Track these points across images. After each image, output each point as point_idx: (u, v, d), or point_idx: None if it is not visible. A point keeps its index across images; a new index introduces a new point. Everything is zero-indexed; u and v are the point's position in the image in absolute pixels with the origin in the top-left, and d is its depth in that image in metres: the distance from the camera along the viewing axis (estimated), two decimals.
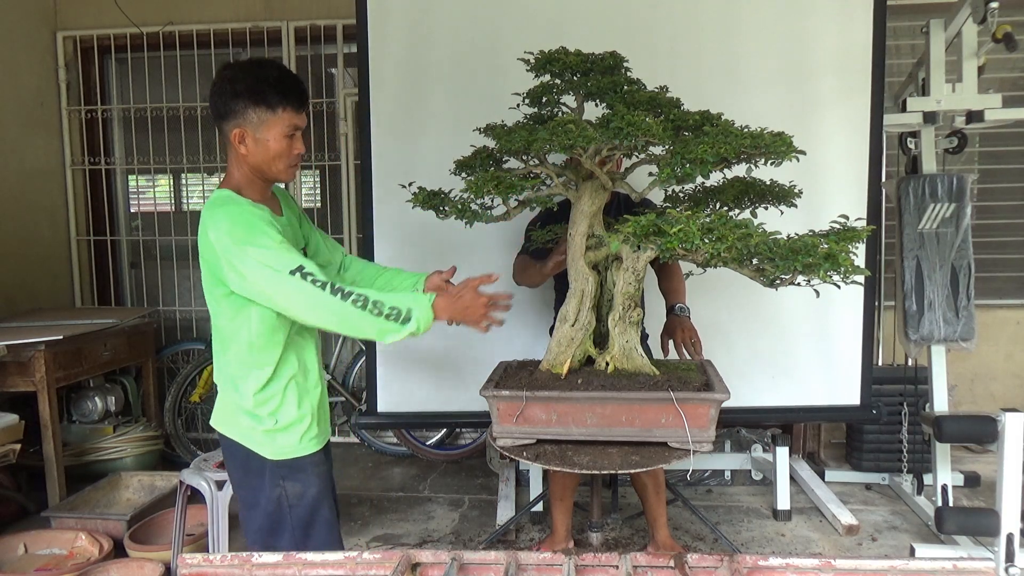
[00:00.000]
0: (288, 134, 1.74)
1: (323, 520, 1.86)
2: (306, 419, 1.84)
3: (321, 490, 1.86)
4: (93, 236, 4.62)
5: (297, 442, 1.83)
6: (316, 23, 4.31)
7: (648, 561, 1.30)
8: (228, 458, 1.88)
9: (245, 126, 1.72)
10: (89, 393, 3.79)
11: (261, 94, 1.71)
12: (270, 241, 1.64)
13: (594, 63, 2.03)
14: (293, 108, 1.74)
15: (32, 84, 4.30)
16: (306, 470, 1.84)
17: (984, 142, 4.24)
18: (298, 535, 1.82)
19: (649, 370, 1.95)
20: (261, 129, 1.72)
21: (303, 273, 1.61)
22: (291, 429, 1.82)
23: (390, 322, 1.63)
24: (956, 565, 1.23)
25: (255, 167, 1.76)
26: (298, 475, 1.82)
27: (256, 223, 1.66)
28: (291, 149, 1.76)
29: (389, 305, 1.62)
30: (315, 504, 1.84)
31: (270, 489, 1.81)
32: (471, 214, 1.98)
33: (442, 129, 2.93)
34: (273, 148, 1.73)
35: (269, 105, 1.71)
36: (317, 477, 1.85)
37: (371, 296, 1.62)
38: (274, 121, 1.72)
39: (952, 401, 3.52)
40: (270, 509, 1.82)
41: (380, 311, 1.62)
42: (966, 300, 3.13)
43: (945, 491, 3.08)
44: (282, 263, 1.62)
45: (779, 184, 2.10)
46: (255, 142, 1.73)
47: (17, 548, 2.89)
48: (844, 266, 1.62)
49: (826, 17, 2.95)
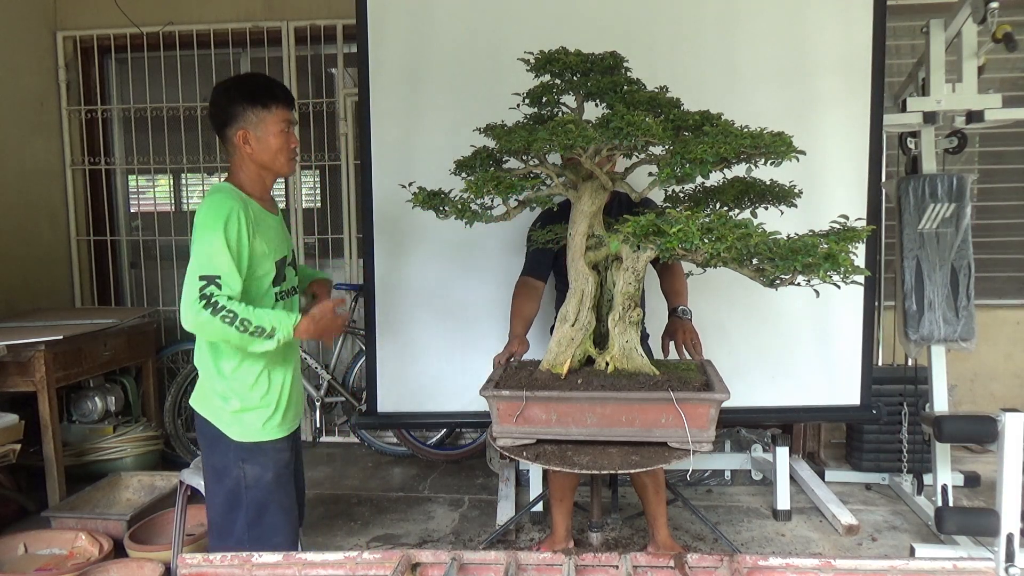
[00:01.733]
0: (283, 129, 1.97)
1: (277, 505, 1.99)
2: (271, 405, 2.00)
3: (278, 476, 2.00)
4: (93, 236, 4.62)
5: (260, 426, 1.98)
6: (316, 23, 4.31)
7: (648, 561, 1.30)
8: (200, 436, 2.04)
9: (246, 127, 1.94)
10: (89, 393, 3.79)
11: (255, 96, 1.95)
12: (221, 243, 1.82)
13: (594, 63, 2.03)
14: (283, 105, 1.97)
15: (32, 84, 4.30)
16: (266, 454, 1.99)
17: (984, 142, 4.24)
18: (251, 516, 1.97)
19: (649, 370, 1.95)
20: (260, 127, 1.95)
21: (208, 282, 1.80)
22: (255, 412, 1.97)
23: (255, 338, 1.83)
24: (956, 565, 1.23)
25: (261, 164, 1.98)
26: (258, 458, 1.98)
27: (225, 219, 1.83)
28: (288, 143, 1.99)
29: (256, 324, 1.82)
30: (271, 488, 1.98)
31: (232, 468, 1.97)
32: (471, 214, 1.98)
33: (442, 129, 2.93)
34: (273, 143, 1.96)
35: (264, 104, 1.94)
36: (275, 463, 2.00)
37: (240, 313, 1.80)
38: (270, 118, 1.95)
39: (952, 401, 3.52)
40: (229, 487, 1.98)
41: (246, 328, 1.81)
42: (966, 300, 3.13)
43: (945, 491, 3.08)
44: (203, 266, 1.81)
45: (779, 184, 2.10)
46: (257, 140, 1.95)
47: (17, 548, 2.89)
48: (844, 266, 1.62)
49: (826, 17, 2.95)
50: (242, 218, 1.86)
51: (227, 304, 1.80)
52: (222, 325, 1.79)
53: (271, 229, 1.99)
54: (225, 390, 1.97)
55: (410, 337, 3.03)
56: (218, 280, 1.81)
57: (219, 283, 1.81)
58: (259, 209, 1.97)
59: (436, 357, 3.06)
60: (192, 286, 1.80)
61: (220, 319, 1.79)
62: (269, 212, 2.02)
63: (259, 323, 1.82)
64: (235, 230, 1.85)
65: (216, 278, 1.81)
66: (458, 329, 3.03)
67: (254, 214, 1.92)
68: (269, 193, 2.06)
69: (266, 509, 1.98)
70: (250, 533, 1.97)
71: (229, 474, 1.97)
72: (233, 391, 1.96)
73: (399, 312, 3.02)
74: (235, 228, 1.85)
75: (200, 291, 1.79)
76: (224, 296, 1.81)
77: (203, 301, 1.78)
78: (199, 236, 1.84)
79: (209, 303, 1.78)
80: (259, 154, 1.95)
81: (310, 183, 4.71)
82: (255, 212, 1.94)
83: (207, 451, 2.03)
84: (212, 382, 1.98)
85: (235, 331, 1.80)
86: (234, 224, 1.85)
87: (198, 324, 1.81)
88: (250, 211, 1.91)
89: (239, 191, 1.94)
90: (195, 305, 1.79)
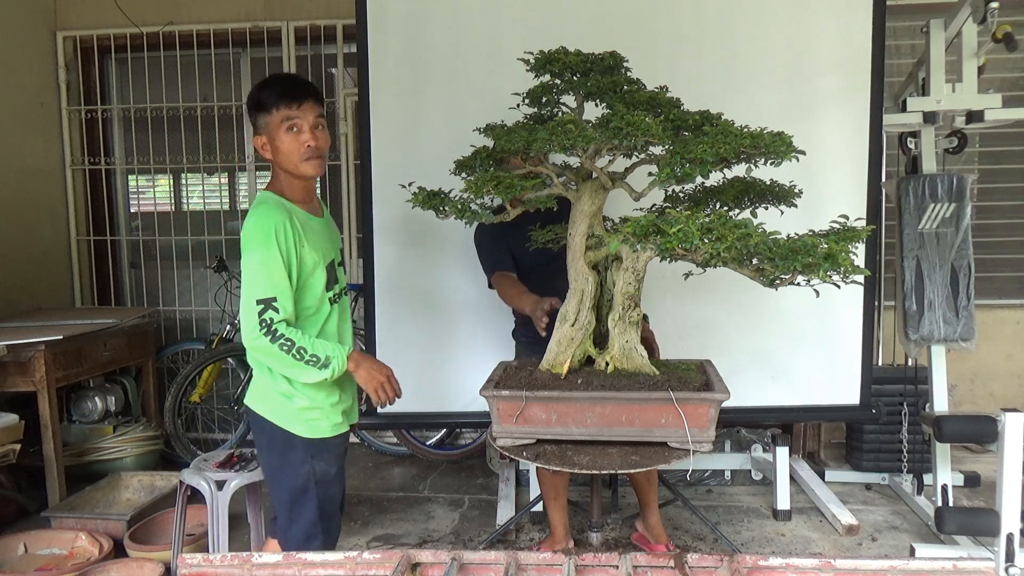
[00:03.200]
0: (288, 128, 1.87)
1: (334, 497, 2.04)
2: (335, 402, 2.01)
3: (339, 471, 2.05)
4: (93, 236, 4.62)
5: (327, 424, 2.00)
6: (316, 23, 4.32)
7: (648, 561, 1.30)
8: (257, 435, 2.04)
9: (260, 134, 1.93)
10: (89, 393, 3.79)
11: (258, 101, 1.90)
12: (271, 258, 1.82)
13: (594, 63, 2.03)
14: (285, 103, 1.87)
15: (32, 84, 4.30)
16: (331, 450, 2.01)
17: (984, 142, 4.24)
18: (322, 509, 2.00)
19: (649, 370, 1.95)
20: (268, 131, 1.91)
21: (267, 306, 1.81)
22: (321, 410, 1.98)
23: (309, 367, 1.85)
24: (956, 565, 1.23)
25: (282, 167, 1.93)
26: (324, 454, 2.00)
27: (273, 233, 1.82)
28: (297, 141, 1.88)
29: (311, 352, 1.85)
30: (335, 481, 2.03)
31: (298, 465, 1.97)
32: (471, 214, 1.98)
33: (442, 129, 2.93)
34: (283, 145, 1.89)
35: (265, 108, 1.89)
36: (337, 457, 2.04)
37: (297, 342, 1.84)
38: (273, 121, 1.89)
39: (952, 401, 3.52)
40: (296, 484, 1.98)
41: (302, 356, 1.84)
42: (966, 300, 3.13)
43: (945, 491, 3.08)
44: (260, 285, 1.82)
45: (779, 184, 2.10)
46: (271, 144, 1.91)
47: (17, 548, 2.89)
48: (844, 266, 1.62)
49: (826, 17, 2.95)
50: (288, 229, 1.84)
51: (285, 332, 1.82)
52: (280, 352, 1.82)
53: (317, 234, 1.97)
54: (289, 389, 1.96)
55: (410, 337, 3.03)
56: (275, 303, 1.82)
57: (275, 306, 1.82)
58: (304, 215, 1.94)
59: (436, 357, 3.06)
60: (250, 312, 1.82)
61: (278, 347, 1.82)
62: (313, 215, 2.00)
63: (315, 352, 1.85)
64: (284, 243, 1.83)
65: (272, 300, 1.82)
66: (458, 329, 3.03)
67: (300, 222, 1.90)
68: (310, 195, 2.02)
69: (330, 501, 2.03)
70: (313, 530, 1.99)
71: (297, 470, 1.97)
72: (298, 390, 1.95)
73: (399, 312, 3.02)
74: (284, 241, 1.83)
75: (259, 316, 1.81)
76: (283, 321, 1.83)
77: (263, 328, 1.81)
78: (249, 253, 1.84)
79: (269, 330, 1.81)
80: (277, 157, 1.92)
81: None
82: (301, 219, 1.91)
83: (267, 448, 2.02)
84: (274, 382, 1.96)
85: (291, 359, 1.83)
86: (283, 236, 1.83)
87: (258, 348, 1.85)
88: (295, 220, 1.88)
89: (281, 198, 1.92)
90: (255, 331, 1.81)
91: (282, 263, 1.83)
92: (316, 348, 1.85)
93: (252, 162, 4.56)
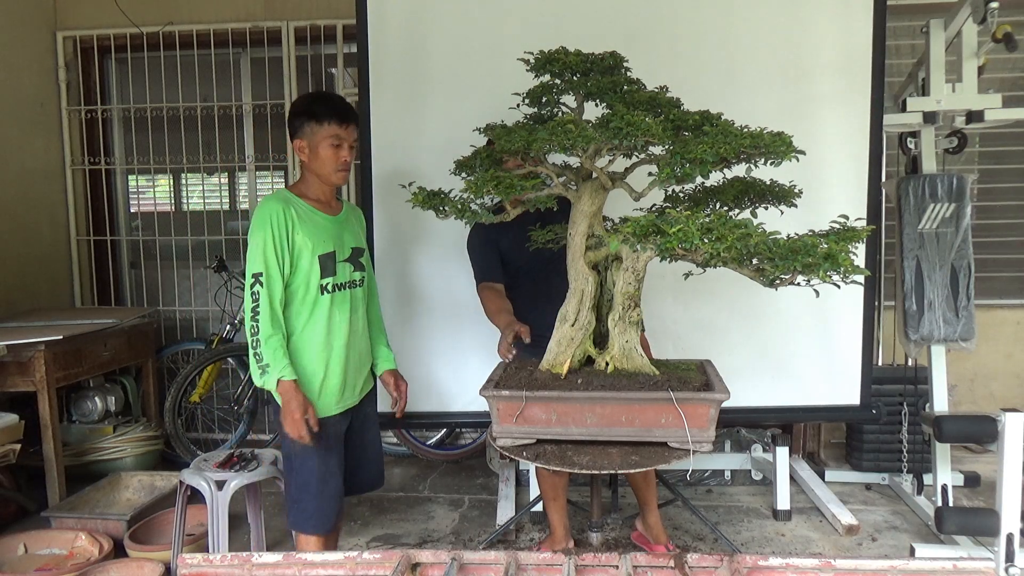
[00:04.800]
0: (333, 143, 2.15)
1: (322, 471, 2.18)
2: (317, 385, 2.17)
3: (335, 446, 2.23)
4: (93, 236, 4.62)
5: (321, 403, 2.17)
6: (316, 23, 4.31)
7: (648, 561, 1.30)
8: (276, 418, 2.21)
9: (303, 138, 2.17)
10: (89, 393, 3.79)
11: (311, 110, 2.16)
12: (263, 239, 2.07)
13: (594, 63, 2.03)
14: (336, 122, 2.14)
15: (32, 84, 4.30)
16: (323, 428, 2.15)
17: (984, 142, 4.24)
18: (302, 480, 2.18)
19: (649, 370, 1.95)
20: (314, 139, 2.15)
21: (258, 279, 2.06)
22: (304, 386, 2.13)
23: (254, 362, 2.07)
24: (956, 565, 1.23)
25: (313, 172, 2.19)
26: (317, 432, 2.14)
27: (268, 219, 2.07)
28: (337, 156, 2.16)
29: (261, 350, 2.06)
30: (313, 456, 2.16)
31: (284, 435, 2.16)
32: (471, 214, 1.98)
33: (442, 129, 2.93)
34: (322, 155, 2.15)
35: (317, 119, 2.14)
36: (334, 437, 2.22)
37: (263, 335, 2.06)
38: (321, 132, 2.14)
39: (952, 401, 3.52)
40: (286, 453, 2.22)
41: (256, 348, 2.06)
42: (966, 300, 3.13)
43: (945, 491, 3.08)
44: (256, 261, 2.07)
45: (779, 184, 2.10)
46: (311, 150, 2.16)
47: (17, 548, 2.89)
48: (844, 266, 1.62)
49: (826, 17, 2.95)
50: (281, 215, 2.09)
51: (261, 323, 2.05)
52: (249, 335, 2.07)
53: (319, 227, 2.17)
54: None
55: (410, 337, 3.03)
56: (261, 278, 2.06)
57: (262, 280, 2.06)
58: (306, 207, 2.17)
59: (436, 357, 3.06)
60: (247, 286, 2.08)
61: (249, 330, 2.07)
62: (321, 212, 2.20)
63: (263, 353, 2.05)
64: (276, 226, 2.07)
65: (260, 275, 2.06)
66: (458, 329, 3.03)
67: (297, 211, 2.13)
68: (329, 195, 2.25)
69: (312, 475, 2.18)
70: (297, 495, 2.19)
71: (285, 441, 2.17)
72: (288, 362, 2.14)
73: (399, 312, 3.02)
74: (276, 224, 2.07)
75: (251, 289, 2.06)
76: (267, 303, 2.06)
77: (253, 301, 2.06)
78: (251, 237, 2.11)
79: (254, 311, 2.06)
80: (311, 163, 2.17)
81: None
82: (300, 210, 2.14)
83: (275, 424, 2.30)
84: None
85: (251, 345, 2.07)
86: (276, 220, 2.08)
87: (245, 323, 2.10)
88: (292, 209, 2.12)
89: (288, 193, 2.18)
90: (248, 304, 2.07)
91: (272, 244, 2.07)
92: (268, 353, 2.05)
93: (252, 162, 4.56)
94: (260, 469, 2.67)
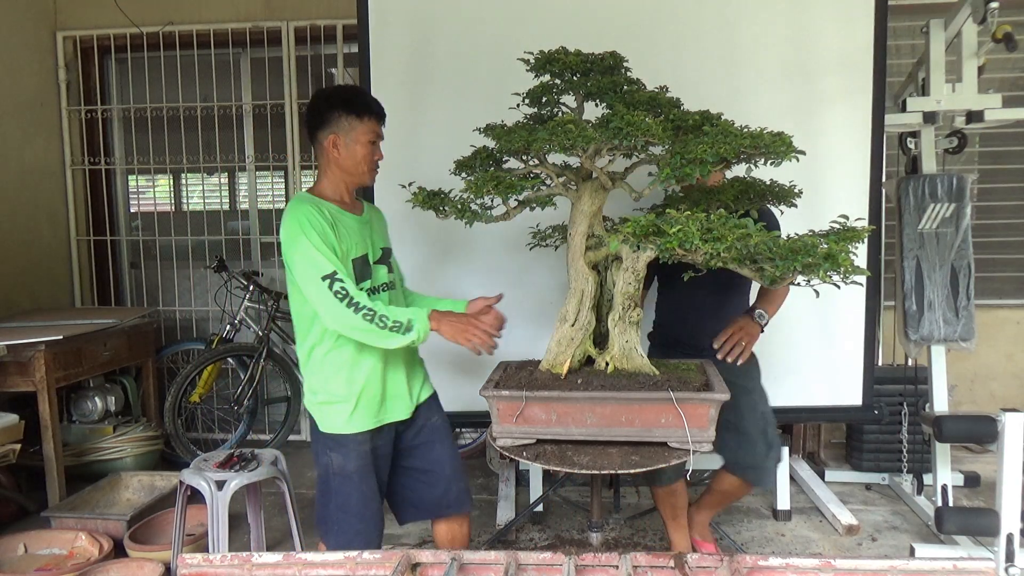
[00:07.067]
0: (371, 140, 2.05)
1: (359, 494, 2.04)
2: (350, 400, 2.03)
3: (360, 467, 2.04)
4: (93, 236, 4.62)
5: (340, 420, 2.04)
6: (316, 23, 4.31)
7: (648, 561, 1.30)
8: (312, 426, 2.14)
9: (338, 132, 2.02)
10: (89, 393, 3.79)
11: (351, 104, 2.03)
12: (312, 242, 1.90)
13: (594, 63, 2.03)
14: (376, 119, 2.06)
15: (32, 84, 4.30)
16: (347, 446, 2.04)
17: (984, 142, 4.24)
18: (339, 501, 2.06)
19: (649, 370, 1.95)
20: (351, 135, 2.02)
21: (332, 280, 1.88)
22: (335, 406, 2.04)
23: (394, 333, 1.89)
24: (956, 565, 1.23)
25: (345, 169, 2.05)
26: (340, 449, 2.04)
27: (307, 223, 1.92)
28: (373, 154, 2.07)
29: (393, 319, 1.89)
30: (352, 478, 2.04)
31: (322, 455, 2.07)
32: (471, 214, 1.98)
33: (442, 129, 2.93)
34: (359, 152, 2.04)
35: (357, 113, 2.02)
36: (357, 455, 2.04)
37: (379, 311, 1.88)
38: (360, 127, 2.02)
39: (952, 401, 3.52)
40: (321, 473, 2.09)
41: (385, 324, 1.88)
42: (966, 300, 3.13)
43: (945, 491, 3.08)
44: (318, 266, 1.89)
45: (779, 184, 2.10)
46: (345, 146, 2.03)
47: (17, 548, 2.89)
48: (844, 266, 1.62)
49: (827, 17, 2.95)
50: (317, 216, 1.94)
51: (365, 302, 1.88)
52: (365, 323, 1.87)
53: (348, 228, 2.03)
54: (314, 384, 2.07)
55: None
56: (337, 276, 1.89)
57: (339, 277, 1.89)
58: (335, 209, 2.03)
59: (437, 357, 3.05)
60: (322, 292, 1.88)
61: (362, 317, 1.87)
62: (348, 212, 2.07)
63: (396, 318, 1.89)
64: (318, 227, 1.92)
65: (334, 274, 1.89)
66: None
67: (330, 213, 1.99)
68: (350, 196, 2.11)
69: (350, 497, 2.06)
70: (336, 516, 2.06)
71: (320, 461, 2.08)
72: (319, 385, 2.06)
73: None
74: (317, 225, 1.93)
75: (332, 291, 1.87)
76: (354, 290, 1.89)
77: (343, 300, 1.87)
78: (292, 247, 1.93)
79: (350, 302, 1.87)
80: (344, 160, 2.03)
81: (310, 183, 4.70)
82: (331, 212, 2.00)
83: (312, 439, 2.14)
84: (306, 377, 2.10)
85: (376, 327, 1.87)
86: (315, 222, 1.93)
87: (345, 325, 1.90)
88: (323, 210, 1.97)
89: (313, 196, 2.03)
90: (337, 307, 1.87)
91: (322, 242, 1.91)
92: (397, 315, 1.90)
93: (252, 162, 4.56)
94: (260, 469, 2.67)
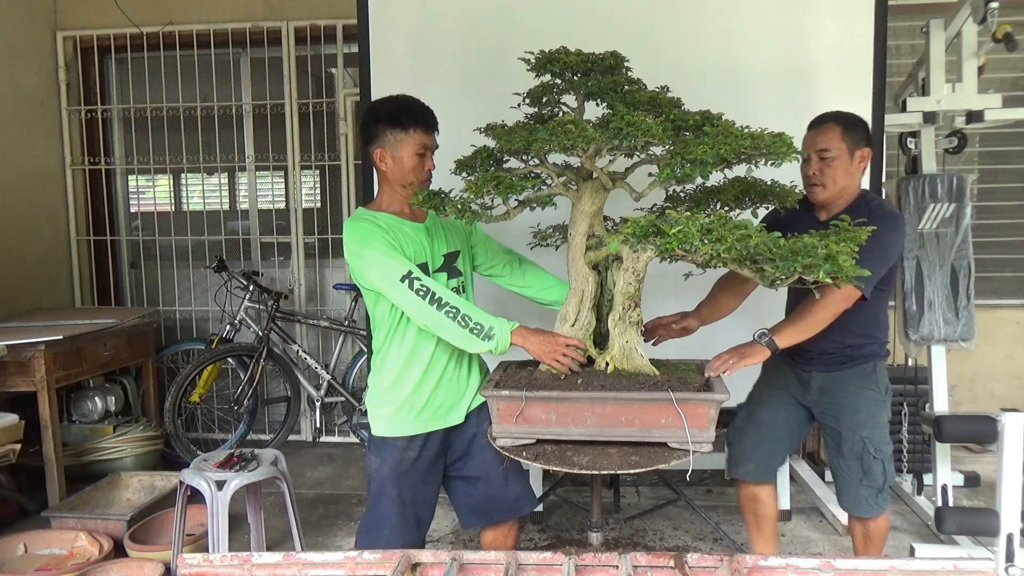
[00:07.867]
0: (419, 152, 2.02)
1: (389, 498, 2.07)
2: (395, 404, 2.05)
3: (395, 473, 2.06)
4: (93, 236, 4.62)
5: (384, 422, 2.07)
6: (316, 23, 4.32)
7: (648, 561, 1.30)
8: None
9: (384, 146, 2.02)
10: (89, 393, 3.79)
11: (396, 118, 2.01)
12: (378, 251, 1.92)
13: (594, 63, 2.03)
14: (423, 130, 2.02)
15: (32, 84, 4.30)
16: (386, 449, 2.07)
17: (984, 142, 4.24)
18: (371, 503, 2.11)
19: (649, 370, 1.95)
20: (397, 148, 2.01)
21: (411, 279, 1.88)
22: (381, 408, 2.08)
23: (473, 335, 1.88)
24: (956, 565, 1.23)
25: (396, 182, 2.04)
26: (379, 451, 2.08)
27: (368, 235, 1.94)
28: (422, 165, 2.04)
29: (475, 320, 1.88)
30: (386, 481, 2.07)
31: (366, 457, 2.13)
32: (471, 214, 1.98)
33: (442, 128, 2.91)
34: (407, 164, 2.02)
35: (403, 127, 2.00)
36: (393, 459, 2.06)
37: (463, 309, 1.87)
38: (407, 140, 2.01)
39: (952, 401, 3.51)
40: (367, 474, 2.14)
41: (467, 324, 1.87)
42: (966, 300, 3.13)
43: (945, 491, 3.08)
44: (392, 270, 1.89)
45: (780, 184, 2.10)
46: (393, 159, 2.02)
47: (17, 548, 2.89)
48: (844, 267, 1.62)
49: (827, 17, 2.95)
50: (372, 226, 1.96)
51: (449, 299, 1.87)
52: (447, 320, 1.86)
53: (405, 236, 2.01)
54: (369, 385, 2.14)
55: None
56: (413, 275, 1.88)
57: (416, 276, 1.88)
58: (392, 219, 2.02)
59: None
60: (403, 292, 1.88)
61: (444, 313, 1.86)
62: (407, 220, 2.06)
63: (479, 320, 1.87)
64: (378, 236, 1.93)
65: (410, 273, 1.88)
66: None
67: (386, 223, 1.99)
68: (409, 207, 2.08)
69: (380, 499, 2.08)
70: (367, 519, 2.11)
71: (367, 461, 2.13)
72: (372, 386, 2.12)
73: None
74: (377, 235, 1.94)
75: (413, 289, 1.87)
76: (435, 286, 1.88)
77: (424, 297, 1.86)
78: (362, 257, 1.93)
79: (432, 299, 1.86)
80: (393, 172, 2.03)
81: (310, 183, 4.71)
82: (387, 222, 2.00)
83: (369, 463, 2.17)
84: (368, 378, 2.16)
85: (457, 325, 1.86)
86: (372, 229, 1.94)
87: (429, 322, 1.89)
88: (380, 222, 1.98)
89: (368, 211, 2.05)
90: (421, 303, 1.87)
91: (389, 246, 1.92)
92: (480, 317, 1.88)
93: (252, 162, 4.56)
94: (260, 469, 2.67)
